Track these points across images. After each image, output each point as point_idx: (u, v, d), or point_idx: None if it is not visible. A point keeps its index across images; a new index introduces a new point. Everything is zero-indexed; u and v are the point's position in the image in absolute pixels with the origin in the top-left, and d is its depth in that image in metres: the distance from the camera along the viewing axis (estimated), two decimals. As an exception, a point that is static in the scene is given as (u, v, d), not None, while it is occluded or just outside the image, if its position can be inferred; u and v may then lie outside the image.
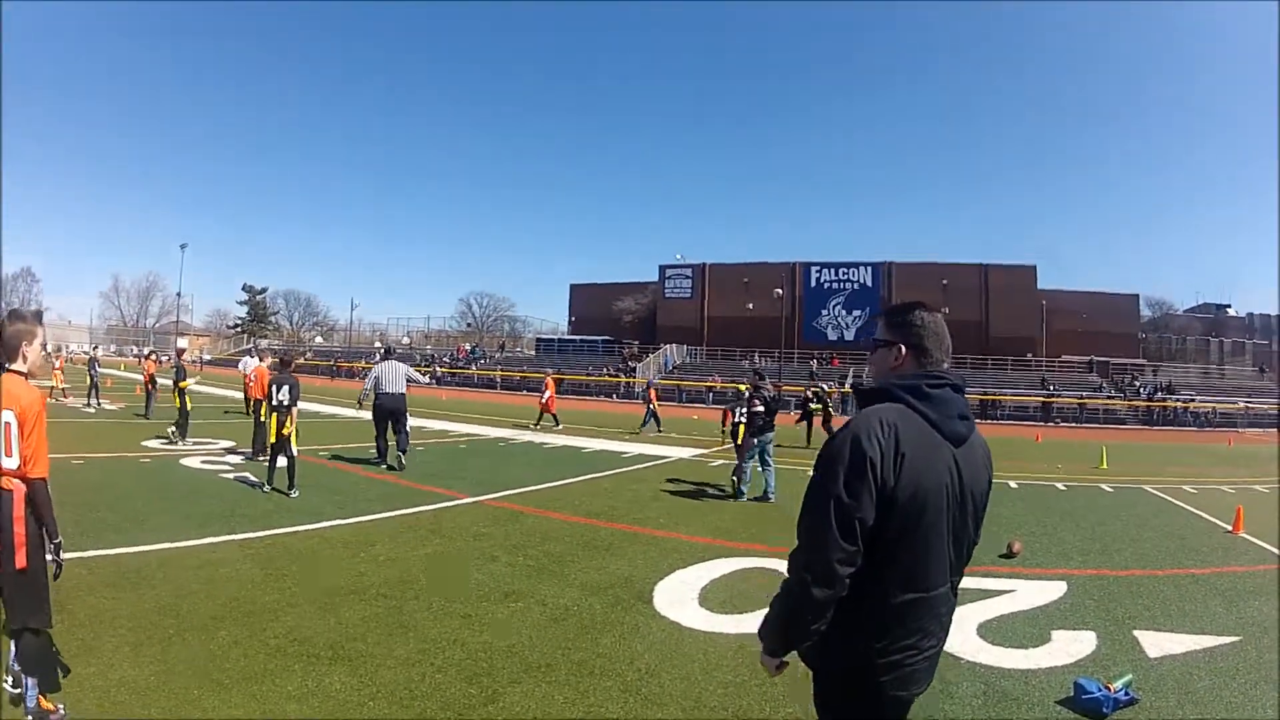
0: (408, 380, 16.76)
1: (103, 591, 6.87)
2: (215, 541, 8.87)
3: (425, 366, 69.68)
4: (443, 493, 12.90)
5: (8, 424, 4.20)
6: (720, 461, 20.05)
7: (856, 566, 2.40)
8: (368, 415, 16.89)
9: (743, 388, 17.91)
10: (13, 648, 4.31)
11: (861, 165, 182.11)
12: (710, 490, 14.83)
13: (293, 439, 12.54)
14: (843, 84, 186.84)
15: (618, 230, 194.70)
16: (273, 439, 12.45)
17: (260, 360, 18.07)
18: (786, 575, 2.51)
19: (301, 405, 12.97)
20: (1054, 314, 71.77)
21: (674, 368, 71.33)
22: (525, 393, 59.09)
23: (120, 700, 4.83)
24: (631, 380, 64.93)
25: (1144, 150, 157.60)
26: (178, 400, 18.69)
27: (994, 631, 6.85)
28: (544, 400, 28.76)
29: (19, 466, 4.24)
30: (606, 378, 65.36)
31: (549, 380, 29.98)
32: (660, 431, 28.52)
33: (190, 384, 19.12)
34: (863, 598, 2.45)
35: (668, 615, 6.88)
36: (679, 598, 7.45)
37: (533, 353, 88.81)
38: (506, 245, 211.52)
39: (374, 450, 16.38)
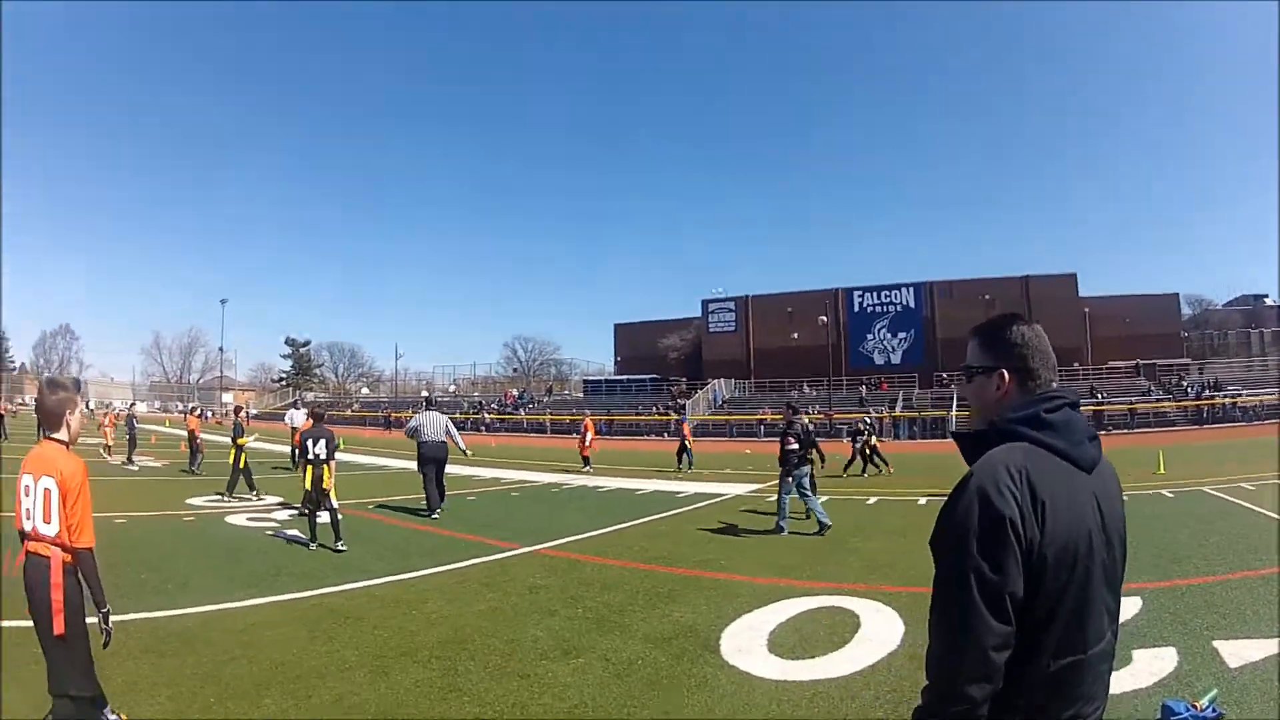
0: (446, 432, 16.94)
1: (142, 657, 6.62)
2: (259, 603, 8.59)
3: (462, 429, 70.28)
4: (495, 544, 12.50)
5: (47, 490, 4.30)
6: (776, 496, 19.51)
7: (1012, 648, 1.93)
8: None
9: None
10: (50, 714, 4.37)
11: (893, 185, 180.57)
12: (770, 527, 14.22)
13: (332, 492, 12.30)
14: (858, 94, 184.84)
15: (660, 266, 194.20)
16: (309, 491, 12.25)
17: (301, 411, 18.01)
18: (928, 682, 2.01)
19: (351, 458, 12.81)
20: (1097, 321, 70.71)
21: (723, 402, 71.08)
22: (575, 436, 58.89)
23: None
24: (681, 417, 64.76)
25: (1169, 143, 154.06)
26: (232, 456, 18.49)
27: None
28: (586, 443, 28.35)
29: (58, 534, 4.31)
30: (656, 416, 65.04)
31: (587, 423, 29.56)
32: (690, 468, 28.13)
33: (249, 441, 18.96)
34: (1013, 673, 1.95)
35: (736, 665, 6.42)
36: (747, 644, 6.99)
37: (580, 395, 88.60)
38: (549, 288, 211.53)
39: (423, 501, 16.32)
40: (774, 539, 13.10)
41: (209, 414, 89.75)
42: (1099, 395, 56.30)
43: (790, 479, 14.13)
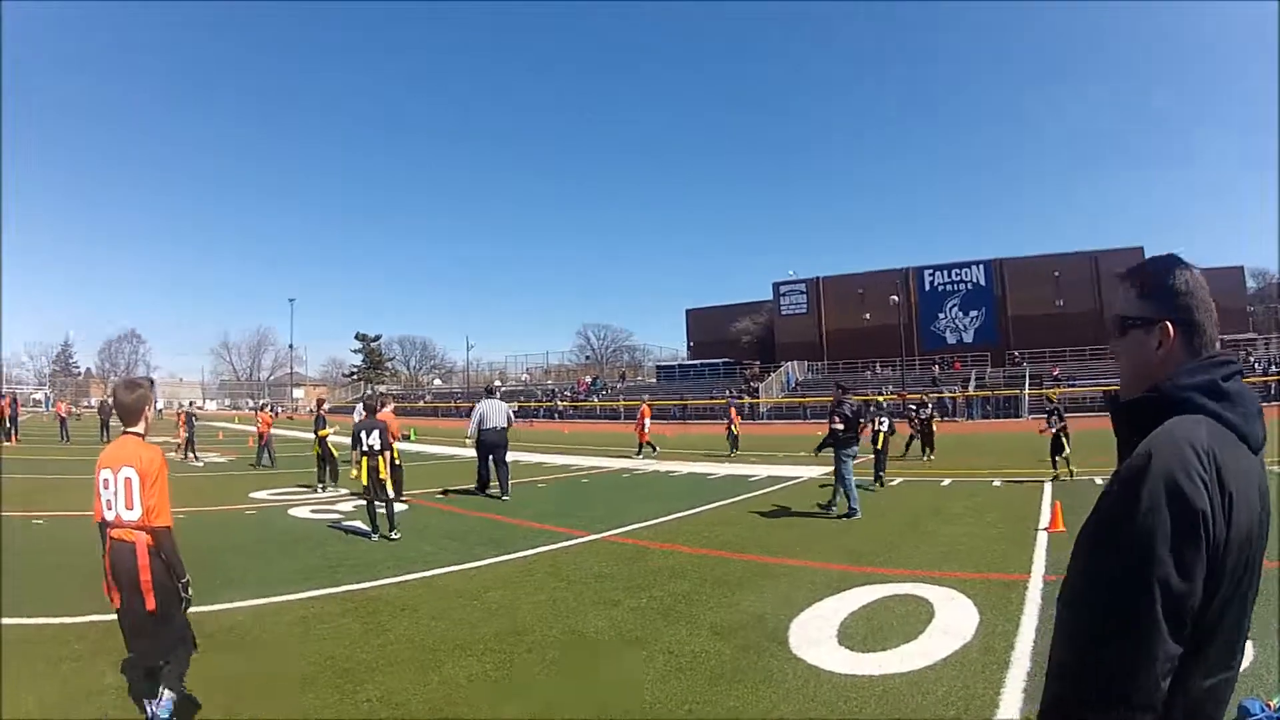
0: (508, 417, 17.77)
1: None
2: (315, 595, 8.41)
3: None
4: (563, 531, 12.28)
5: (128, 479, 4.74)
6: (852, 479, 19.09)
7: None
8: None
9: (854, 398, 16.94)
10: (159, 685, 4.78)
11: (966, 164, 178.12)
12: (842, 510, 13.72)
13: (388, 483, 12.17)
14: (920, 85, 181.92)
15: (731, 249, 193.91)
16: (364, 483, 12.09)
17: (383, 406, 18.00)
18: (1073, 709, 1.51)
19: (422, 448, 12.67)
20: None
21: (796, 385, 70.52)
22: (651, 422, 58.90)
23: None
24: (755, 401, 64.35)
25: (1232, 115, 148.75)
26: (318, 449, 18.86)
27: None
28: (642, 429, 28.04)
29: (140, 518, 4.74)
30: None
31: (644, 409, 29.04)
32: (736, 452, 27.76)
33: (330, 433, 19.07)
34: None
35: (804, 658, 6.03)
36: (816, 636, 6.60)
37: (654, 380, 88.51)
38: (621, 274, 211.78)
39: (498, 492, 16.71)
40: (845, 522, 12.68)
41: (279, 409, 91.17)
42: None
43: (847, 458, 13.76)
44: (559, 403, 77.61)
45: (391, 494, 12.24)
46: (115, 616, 4.95)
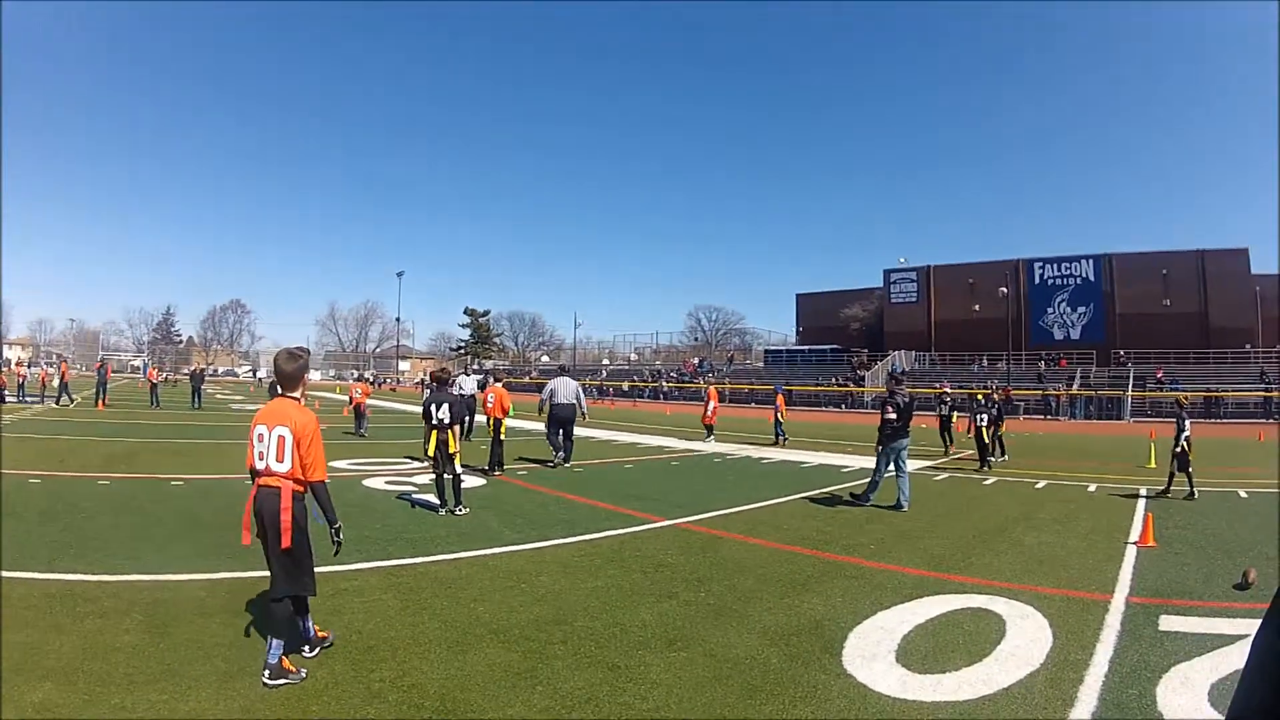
0: (578, 394, 19.01)
1: (216, 615, 6.49)
2: (362, 568, 8.26)
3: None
4: (638, 515, 11.93)
5: (281, 437, 5.48)
6: (944, 474, 18.63)
7: None
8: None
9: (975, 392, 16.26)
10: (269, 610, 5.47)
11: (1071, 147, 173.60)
12: (929, 510, 13.25)
13: (457, 458, 12.02)
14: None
15: (845, 234, 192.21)
16: (432, 456, 12.01)
17: (496, 380, 18.22)
18: None
19: (520, 423, 12.49)
20: (1269, 299, 64.66)
21: (902, 374, 69.20)
22: (754, 406, 58.57)
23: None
24: (861, 390, 63.49)
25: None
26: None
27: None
28: (709, 413, 27.50)
29: (290, 470, 5.48)
30: (834, 387, 63.94)
31: (711, 391, 28.50)
32: (785, 440, 26.90)
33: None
34: None
35: (855, 674, 5.49)
36: (874, 649, 6.05)
37: (761, 365, 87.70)
38: (735, 257, 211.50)
39: (558, 456, 18.29)
40: (931, 523, 11.98)
41: (382, 381, 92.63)
42: (1267, 380, 51.92)
43: (890, 451, 13.82)
44: (664, 383, 77.47)
45: (459, 469, 12.06)
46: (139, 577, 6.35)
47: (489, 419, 17.41)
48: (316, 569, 7.15)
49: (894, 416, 13.77)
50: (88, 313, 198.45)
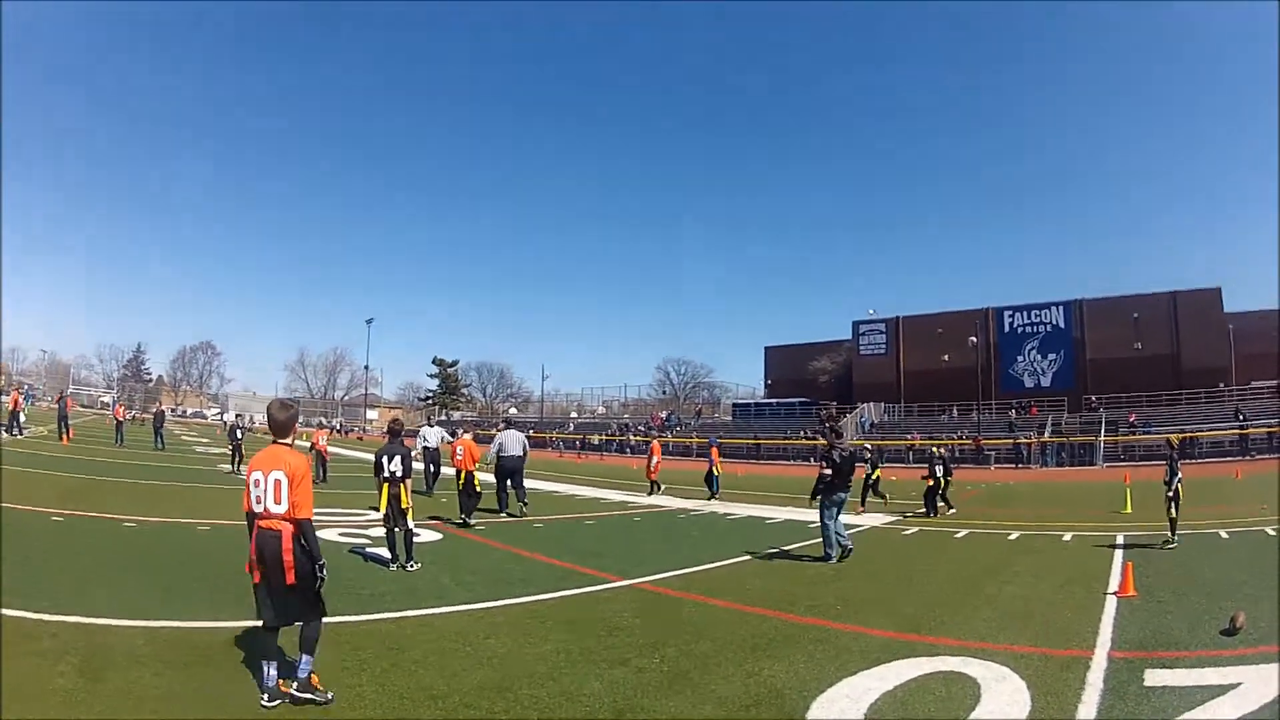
0: (524, 446, 19.75)
1: (150, 664, 6.35)
2: (301, 625, 7.82)
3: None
4: (594, 574, 11.59)
5: (278, 481, 5.93)
6: (914, 529, 18.27)
7: None
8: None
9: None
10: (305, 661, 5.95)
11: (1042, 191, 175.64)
12: (899, 566, 13.07)
13: (409, 512, 11.73)
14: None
15: (811, 285, 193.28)
16: (382, 511, 11.80)
17: (464, 433, 18.86)
18: None
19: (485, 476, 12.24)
20: (1242, 337, 65.17)
21: (871, 426, 69.42)
22: (723, 460, 58.41)
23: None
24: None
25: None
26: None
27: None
28: (652, 466, 27.44)
29: (286, 511, 5.91)
30: (803, 440, 63.75)
31: (654, 445, 28.42)
32: (716, 494, 26.03)
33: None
34: None
35: None
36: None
37: (729, 418, 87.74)
38: (704, 310, 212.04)
39: (503, 512, 18.77)
40: (900, 581, 11.71)
41: (349, 430, 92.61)
42: (1242, 417, 51.84)
43: (831, 505, 13.53)
44: (631, 436, 77.12)
45: (411, 524, 11.79)
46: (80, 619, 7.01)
47: (458, 471, 17.26)
48: (248, 621, 7.16)
49: (830, 472, 13.48)
50: (61, 344, 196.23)
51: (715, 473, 26.79)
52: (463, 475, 17.10)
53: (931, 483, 21.01)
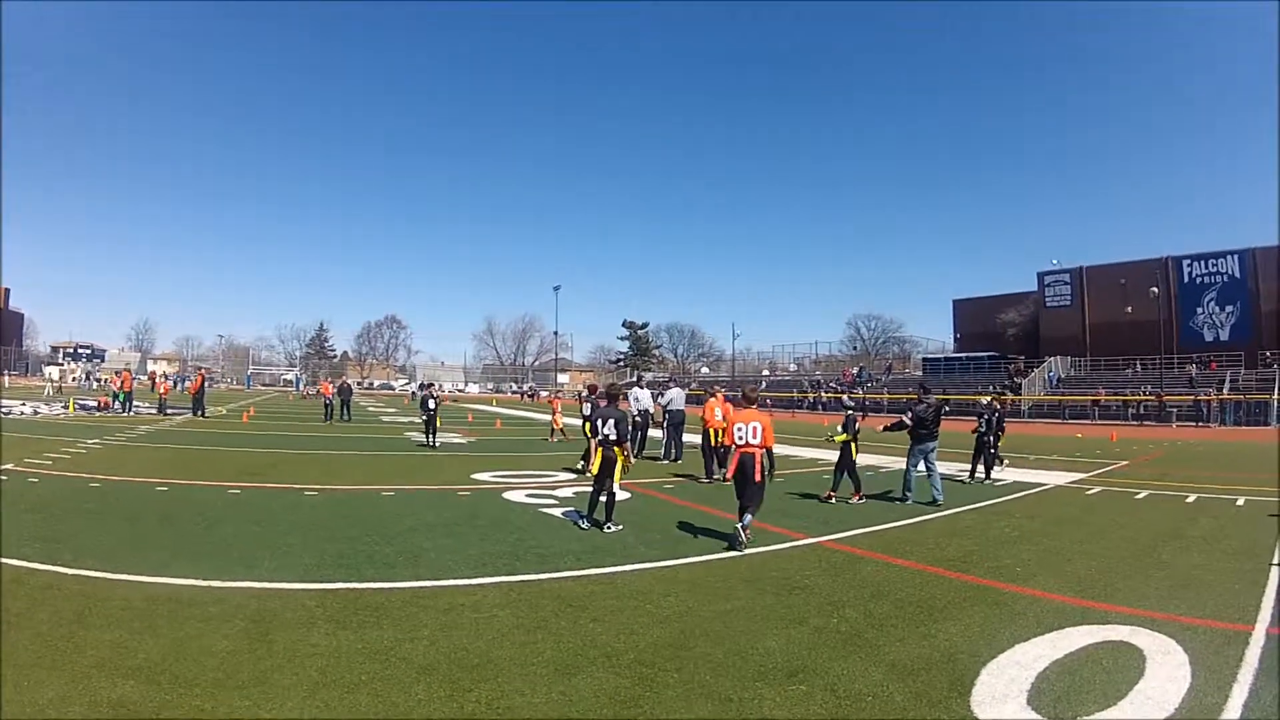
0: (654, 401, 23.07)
1: (321, 627, 6.51)
2: (486, 582, 8.22)
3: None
4: (783, 532, 11.61)
5: (755, 427, 10.83)
6: (1097, 488, 17.65)
7: None
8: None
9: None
10: (748, 514, 10.65)
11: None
12: (1079, 527, 12.61)
13: (618, 476, 11.77)
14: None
15: (998, 236, 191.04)
16: (594, 471, 11.87)
17: (711, 395, 20.04)
18: None
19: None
20: None
21: (1058, 382, 67.27)
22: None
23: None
24: (1017, 398, 61.92)
25: None
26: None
27: None
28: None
29: (760, 442, 10.81)
30: (991, 395, 62.45)
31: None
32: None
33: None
34: None
35: (980, 716, 5.08)
36: (1004, 689, 5.58)
37: (919, 374, 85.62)
38: (894, 264, 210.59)
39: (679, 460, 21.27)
40: (1079, 544, 11.31)
41: (542, 394, 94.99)
42: None
43: (918, 453, 15.65)
44: (822, 394, 76.56)
45: (617, 487, 11.82)
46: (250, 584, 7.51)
47: (710, 431, 18.30)
48: (433, 581, 7.85)
49: (911, 424, 15.73)
50: (239, 330, 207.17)
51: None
52: (715, 434, 17.88)
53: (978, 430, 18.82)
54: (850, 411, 15.90)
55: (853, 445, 15.18)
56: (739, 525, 10.39)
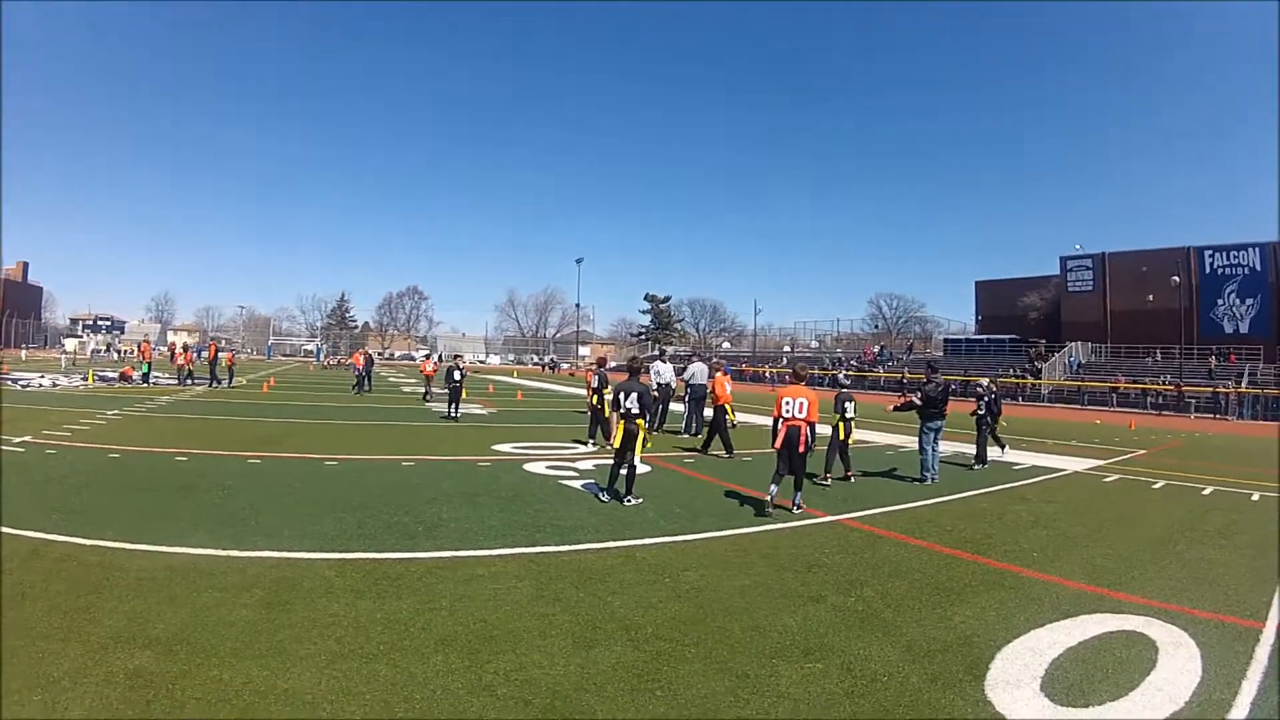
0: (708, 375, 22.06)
1: (341, 596, 6.58)
2: (505, 553, 8.30)
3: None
4: (802, 509, 11.60)
5: (802, 402, 11.32)
6: (1115, 476, 17.56)
7: None
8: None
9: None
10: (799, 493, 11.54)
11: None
12: (1095, 515, 12.57)
13: (638, 450, 11.78)
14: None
15: (1021, 218, 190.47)
16: (617, 445, 11.80)
17: (716, 370, 20.31)
18: None
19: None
20: None
21: (1079, 367, 66.98)
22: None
23: (265, 711, 4.55)
24: (1037, 383, 61.66)
25: None
26: (595, 404, 18.93)
27: None
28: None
29: (805, 417, 11.26)
30: (1011, 379, 62.17)
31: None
32: (696, 434, 21.77)
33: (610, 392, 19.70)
34: None
35: (994, 700, 5.12)
36: (1019, 674, 5.62)
37: (940, 354, 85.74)
38: (917, 241, 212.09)
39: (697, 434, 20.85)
40: (1095, 531, 11.29)
41: (563, 366, 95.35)
42: None
43: (927, 431, 15.49)
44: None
45: (638, 460, 11.87)
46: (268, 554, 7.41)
47: (719, 407, 18.36)
48: (453, 552, 8.11)
49: (920, 403, 15.71)
50: (260, 301, 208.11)
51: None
52: (727, 409, 18.16)
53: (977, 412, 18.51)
54: (843, 390, 15.65)
55: (841, 425, 14.95)
56: (772, 490, 11.24)
